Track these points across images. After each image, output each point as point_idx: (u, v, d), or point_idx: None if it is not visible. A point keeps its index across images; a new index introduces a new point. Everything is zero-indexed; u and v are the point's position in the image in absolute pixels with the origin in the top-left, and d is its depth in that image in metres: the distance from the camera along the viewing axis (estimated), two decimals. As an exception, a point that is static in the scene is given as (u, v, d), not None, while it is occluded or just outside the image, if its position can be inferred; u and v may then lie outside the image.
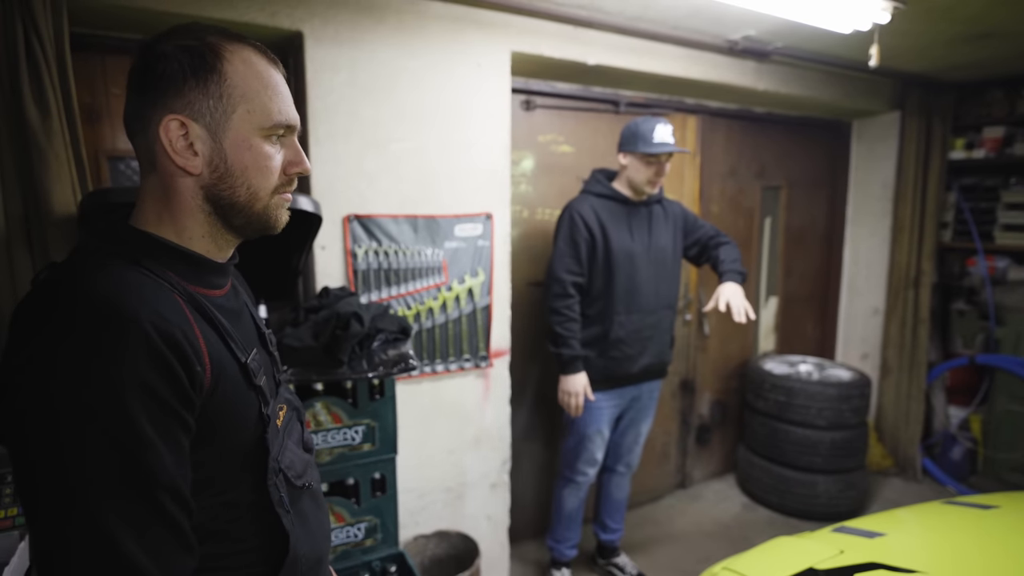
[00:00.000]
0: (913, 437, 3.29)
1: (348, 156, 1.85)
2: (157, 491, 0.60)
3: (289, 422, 0.87)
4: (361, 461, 1.64)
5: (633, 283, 2.10)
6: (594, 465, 2.25)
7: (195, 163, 0.70)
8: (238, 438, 0.72)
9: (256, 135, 0.73)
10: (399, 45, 1.88)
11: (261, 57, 0.74)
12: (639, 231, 2.13)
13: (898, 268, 3.31)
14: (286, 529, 0.75)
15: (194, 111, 0.69)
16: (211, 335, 0.69)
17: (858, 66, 2.68)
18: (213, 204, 0.73)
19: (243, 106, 0.71)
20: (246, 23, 1.66)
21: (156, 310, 0.62)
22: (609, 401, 2.18)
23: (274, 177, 0.75)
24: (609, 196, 2.13)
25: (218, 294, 0.76)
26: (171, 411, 0.61)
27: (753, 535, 2.73)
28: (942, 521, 1.71)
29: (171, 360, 0.61)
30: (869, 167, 3.48)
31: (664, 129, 2.02)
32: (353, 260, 1.88)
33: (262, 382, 0.75)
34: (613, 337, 2.10)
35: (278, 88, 0.75)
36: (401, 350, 1.57)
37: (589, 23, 2.13)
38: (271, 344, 0.88)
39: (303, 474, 0.83)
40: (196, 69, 0.69)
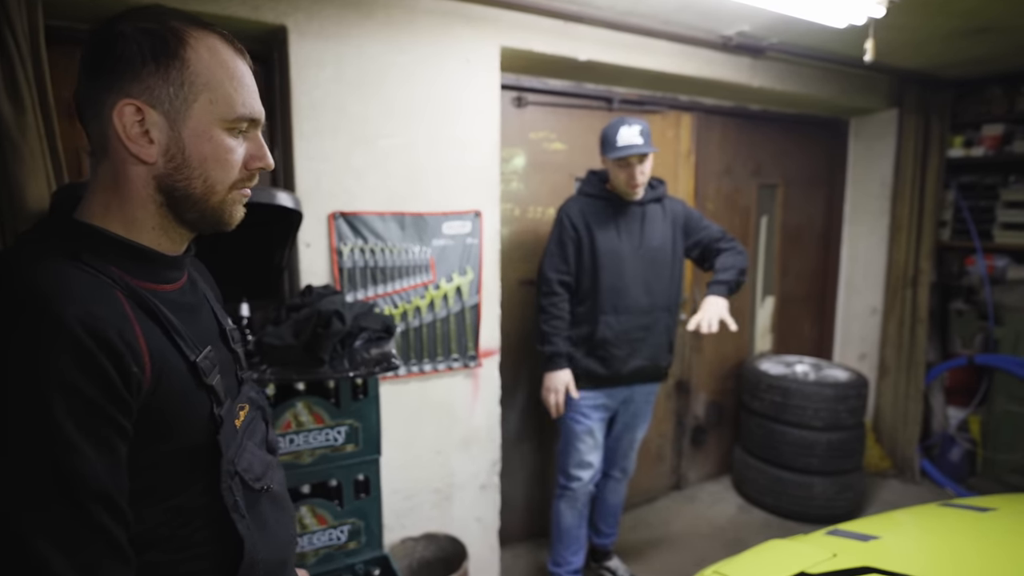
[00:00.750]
0: (911, 438, 3.25)
1: (334, 152, 1.82)
2: (86, 500, 0.57)
3: (251, 422, 0.84)
4: (344, 462, 1.61)
5: (621, 283, 2.06)
6: (587, 468, 2.17)
7: (150, 151, 0.67)
8: (185, 440, 0.69)
9: (217, 126, 0.70)
10: (387, 40, 1.85)
11: (227, 46, 0.71)
12: (628, 231, 2.09)
13: (896, 267, 3.27)
14: (240, 535, 0.72)
15: (152, 97, 0.66)
16: (154, 333, 0.66)
17: (854, 62, 2.65)
18: (166, 195, 0.70)
19: (205, 95, 0.68)
20: (228, 16, 1.63)
21: (88, 308, 0.59)
22: (596, 400, 2.13)
23: (234, 171, 0.73)
24: (598, 196, 2.10)
25: (169, 288, 0.73)
26: (102, 414, 0.58)
27: (748, 537, 2.69)
28: (938, 524, 1.68)
29: (102, 361, 0.58)
30: (867, 165, 3.44)
31: (629, 131, 1.96)
32: (339, 258, 1.85)
33: (215, 381, 0.72)
34: (599, 337, 2.06)
35: (243, 80, 0.72)
36: (384, 349, 1.54)
37: (579, 18, 2.10)
38: (233, 341, 0.85)
39: (262, 476, 0.80)
40: (157, 53, 0.66)
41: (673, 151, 2.88)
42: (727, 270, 2.09)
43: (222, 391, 0.74)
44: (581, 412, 2.13)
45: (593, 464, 2.18)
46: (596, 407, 2.14)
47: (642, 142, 1.96)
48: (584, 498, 2.21)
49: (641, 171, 2.00)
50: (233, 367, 0.84)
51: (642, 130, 1.98)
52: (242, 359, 0.87)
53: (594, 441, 2.17)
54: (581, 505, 2.21)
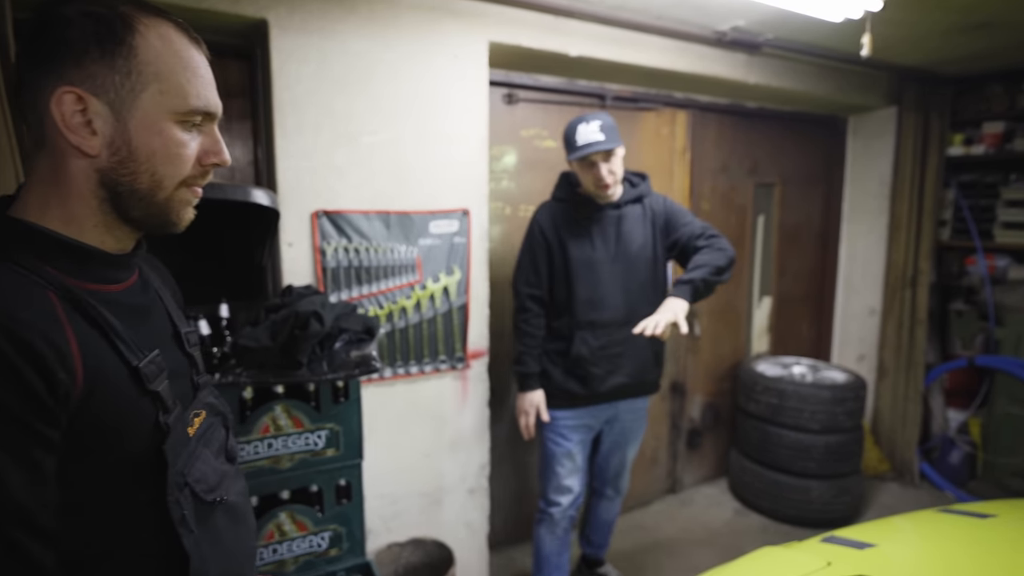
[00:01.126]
0: (910, 441, 3.20)
1: (317, 150, 1.78)
2: (3, 521, 0.53)
3: (208, 429, 0.79)
4: (325, 467, 1.57)
5: (596, 295, 1.91)
6: (566, 493, 2.02)
7: (92, 143, 0.63)
8: (126, 450, 0.64)
9: (168, 119, 0.66)
10: (371, 35, 1.81)
11: (181, 35, 0.67)
12: (603, 238, 1.92)
13: (895, 267, 3.22)
14: (186, 551, 0.67)
15: (95, 85, 0.62)
16: (91, 337, 0.62)
17: (852, 59, 2.60)
18: (109, 190, 0.66)
19: (155, 86, 0.65)
20: (206, 9, 1.58)
21: (11, 313, 0.55)
22: (575, 420, 1.98)
23: (185, 167, 0.69)
24: (569, 201, 1.96)
25: (112, 288, 0.69)
26: (22, 425, 0.54)
27: (744, 542, 2.65)
28: (936, 531, 1.63)
29: (22, 368, 0.54)
30: (865, 163, 3.40)
31: (587, 128, 1.80)
32: (322, 257, 1.81)
33: (161, 387, 0.68)
34: (575, 354, 1.91)
35: (198, 70, 0.68)
36: (364, 351, 1.50)
37: (569, 12, 2.06)
38: (188, 344, 0.81)
39: (216, 487, 0.76)
40: (102, 39, 0.62)
41: (668, 149, 2.83)
42: (698, 268, 1.83)
43: (170, 398, 0.70)
44: (559, 433, 1.99)
45: (573, 489, 2.03)
46: (576, 428, 2.00)
47: (603, 138, 1.78)
48: (565, 523, 2.07)
49: (609, 170, 1.82)
50: (188, 371, 0.80)
51: (603, 125, 1.80)
52: (199, 363, 0.83)
53: (573, 464, 2.01)
54: (561, 531, 2.07)
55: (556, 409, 1.98)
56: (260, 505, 1.52)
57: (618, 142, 1.81)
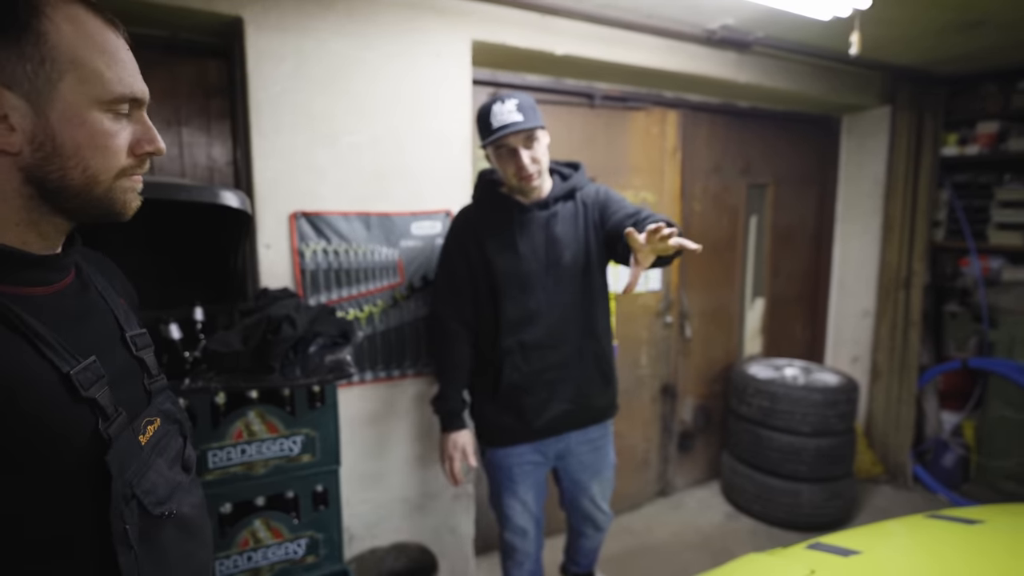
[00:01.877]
0: (904, 443, 3.18)
1: (295, 150, 1.75)
2: None
3: (163, 438, 0.76)
4: (300, 473, 1.54)
5: (526, 312, 1.65)
6: (522, 535, 1.82)
7: (11, 140, 0.60)
8: (57, 463, 0.61)
9: (92, 109, 0.63)
10: (350, 34, 1.78)
11: (94, 16, 0.63)
12: (532, 244, 1.65)
13: (889, 268, 3.19)
14: (120, 569, 0.64)
15: (6, 76, 0.59)
16: (9, 343, 0.59)
17: (844, 58, 2.57)
18: (37, 187, 0.63)
19: (72, 74, 0.61)
20: (180, 7, 1.56)
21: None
22: (517, 459, 1.74)
23: (118, 158, 0.66)
24: (489, 203, 1.70)
25: (40, 291, 0.66)
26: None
27: (735, 546, 2.62)
28: (923, 537, 1.61)
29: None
30: (859, 163, 3.37)
31: (503, 108, 1.54)
32: (300, 259, 1.78)
33: (99, 394, 0.65)
34: (506, 383, 1.67)
35: (117, 54, 0.65)
36: (339, 356, 1.47)
37: (555, 10, 2.03)
38: (136, 347, 0.77)
39: (166, 500, 0.73)
40: (4, 26, 0.58)
41: (659, 149, 2.80)
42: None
43: (110, 405, 0.67)
44: (504, 473, 1.76)
45: (528, 530, 1.82)
46: (521, 464, 1.75)
47: (521, 118, 1.52)
48: (534, 558, 1.88)
49: (532, 157, 1.57)
50: (138, 376, 0.76)
51: (520, 104, 1.54)
52: (151, 367, 0.79)
53: (524, 506, 1.79)
54: (531, 564, 1.88)
55: (495, 447, 1.75)
56: (234, 512, 1.49)
57: (539, 123, 1.56)
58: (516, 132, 1.53)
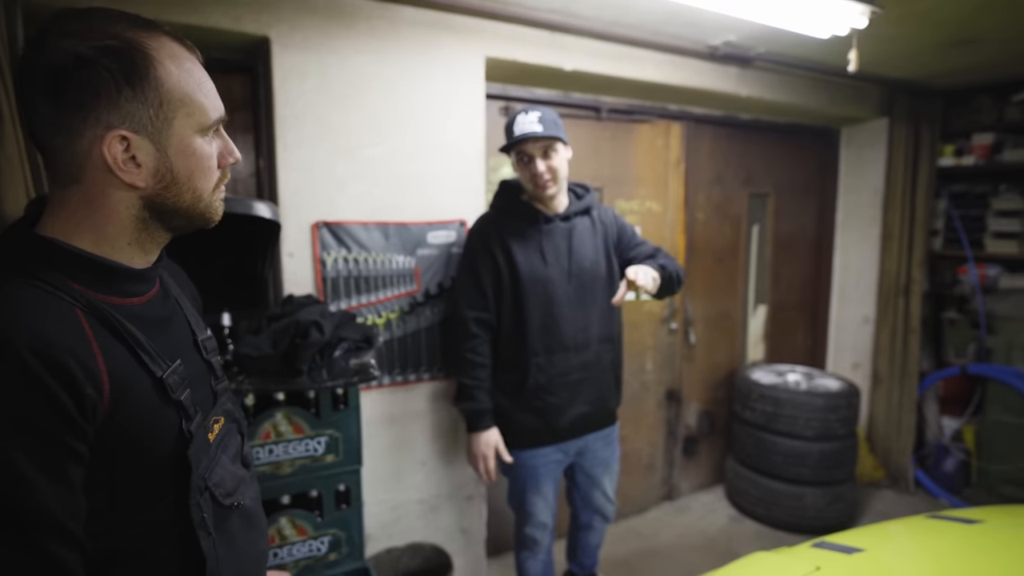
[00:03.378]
0: (905, 448, 3.23)
1: (317, 162, 1.83)
2: (36, 532, 0.56)
3: (226, 436, 0.82)
4: (324, 473, 1.60)
5: (551, 317, 1.73)
6: (543, 528, 1.91)
7: (140, 176, 0.66)
8: (151, 458, 0.68)
9: (196, 136, 0.70)
10: (371, 51, 1.86)
11: (183, 49, 0.70)
12: (555, 252, 1.76)
13: (888, 276, 3.26)
14: (203, 552, 0.71)
15: (134, 123, 0.64)
16: (116, 350, 0.65)
17: (843, 72, 2.64)
18: (152, 211, 0.69)
19: (182, 110, 0.68)
20: (210, 27, 1.64)
21: (39, 333, 0.58)
22: (543, 459, 1.83)
23: (215, 174, 0.73)
24: (514, 212, 1.79)
25: (136, 302, 0.72)
26: (54, 443, 0.57)
27: (739, 548, 2.67)
28: (925, 536, 1.66)
29: (52, 386, 0.56)
30: (858, 174, 3.45)
31: (526, 118, 1.67)
32: (322, 267, 1.85)
33: (183, 396, 0.71)
34: (532, 384, 1.74)
35: (206, 83, 0.72)
36: (363, 359, 1.54)
37: (565, 28, 2.11)
38: (206, 351, 0.83)
39: (233, 492, 0.79)
40: (129, 77, 0.63)
41: (663, 160, 2.88)
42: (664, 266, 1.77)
43: (191, 405, 0.73)
44: (528, 472, 1.83)
45: (548, 524, 1.92)
46: (545, 464, 1.84)
47: (541, 129, 1.65)
48: (547, 548, 1.98)
49: (548, 166, 1.69)
50: (207, 378, 0.82)
51: (542, 117, 1.67)
52: (217, 369, 0.85)
53: (545, 502, 1.88)
54: (544, 554, 1.98)
55: (519, 449, 1.82)
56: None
57: (557, 134, 1.68)
58: (534, 141, 1.68)
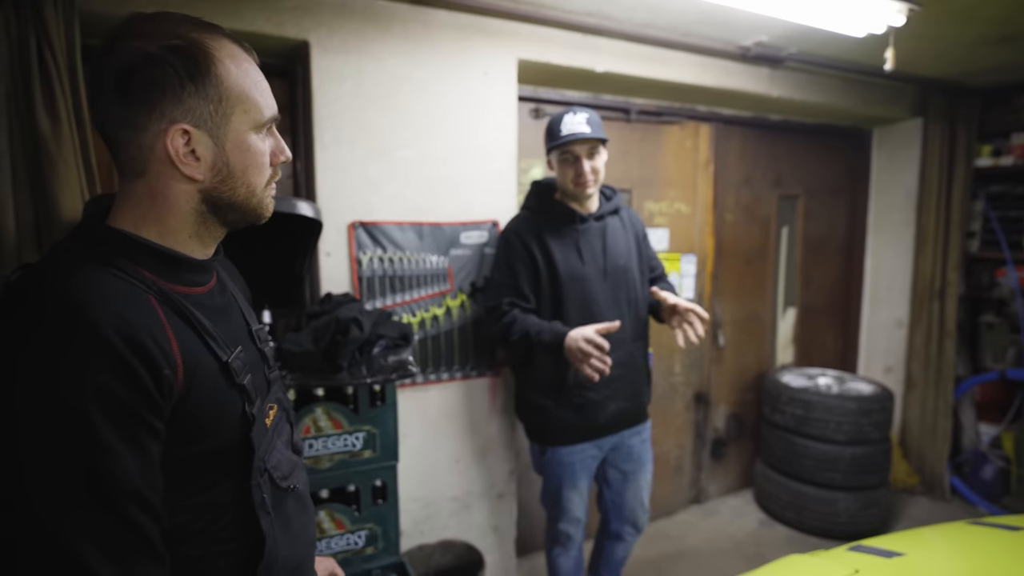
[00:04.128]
0: (940, 454, 3.16)
1: (353, 163, 1.86)
2: (121, 499, 0.59)
3: (279, 422, 0.85)
4: (362, 468, 1.63)
5: (588, 314, 1.75)
6: (577, 524, 1.94)
7: (199, 169, 0.70)
8: (217, 438, 0.71)
9: (251, 133, 0.73)
10: (405, 53, 1.89)
11: (240, 49, 0.73)
12: (591, 251, 1.79)
13: (922, 279, 3.20)
14: (264, 532, 0.73)
15: (196, 118, 0.68)
16: (186, 335, 0.68)
17: (876, 71, 2.62)
18: (210, 205, 0.73)
19: (240, 107, 0.71)
20: (253, 32, 1.69)
21: (121, 314, 0.61)
22: (580, 455, 1.85)
23: (268, 171, 0.76)
24: (550, 212, 1.82)
25: (199, 291, 0.75)
26: (135, 417, 0.60)
27: (769, 553, 2.64)
28: (967, 542, 1.63)
29: (135, 365, 0.60)
30: (890, 175, 3.39)
31: (574, 119, 1.73)
32: (358, 267, 1.89)
33: (246, 381, 0.74)
34: (572, 381, 1.77)
35: (261, 83, 0.75)
36: (401, 356, 1.56)
37: (597, 30, 2.12)
38: (260, 341, 0.86)
39: (289, 475, 0.82)
40: (192, 74, 0.67)
41: (692, 162, 2.87)
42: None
43: (253, 390, 0.76)
44: (565, 468, 1.86)
45: (582, 519, 1.95)
46: (580, 461, 1.86)
47: (589, 130, 1.71)
48: (579, 545, 2.00)
49: (592, 167, 1.74)
50: (262, 366, 0.85)
51: (589, 118, 1.73)
52: (270, 358, 0.88)
53: (580, 497, 1.91)
54: (576, 551, 2.00)
55: (556, 446, 1.85)
56: (300, 504, 1.58)
57: (604, 136, 1.74)
58: (582, 141, 1.72)
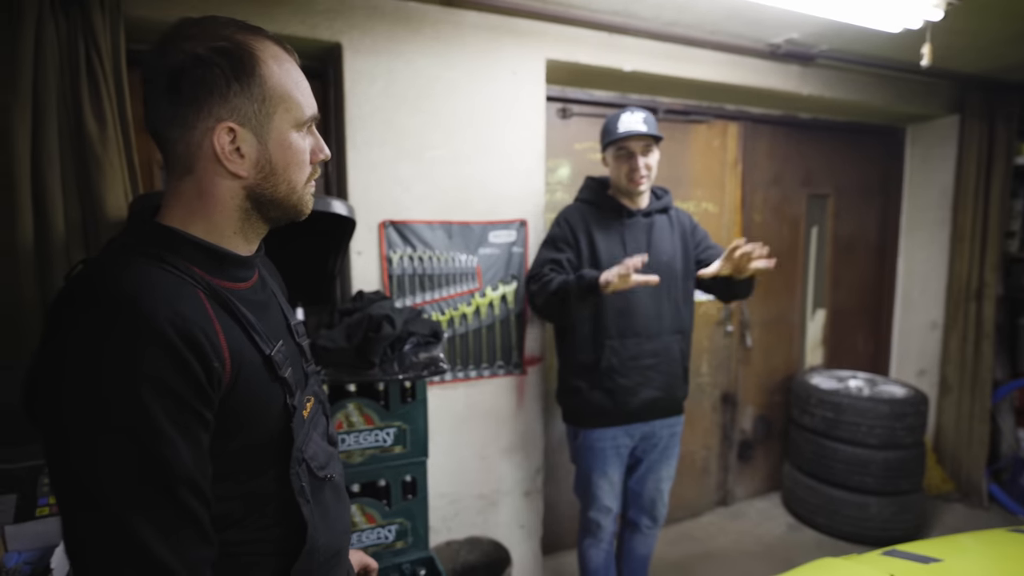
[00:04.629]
0: (977, 460, 3.07)
1: (384, 163, 1.89)
2: (175, 484, 0.61)
3: (315, 414, 0.87)
4: (392, 463, 1.66)
5: (627, 303, 1.81)
6: (607, 513, 1.97)
7: (243, 166, 0.72)
8: (261, 430, 0.73)
9: (292, 131, 0.74)
10: (435, 54, 1.92)
11: (282, 50, 0.75)
12: (635, 244, 1.86)
13: (958, 280, 3.12)
14: (305, 520, 0.76)
15: (241, 116, 0.70)
16: (233, 329, 0.70)
17: (911, 68, 2.57)
18: (253, 202, 0.75)
19: (282, 106, 0.73)
20: (287, 35, 1.73)
21: (174, 307, 0.63)
22: (611, 440, 1.89)
23: (308, 168, 0.78)
24: (599, 204, 1.90)
25: (243, 287, 0.78)
26: (188, 407, 0.62)
27: (798, 557, 2.59)
28: (1007, 550, 1.58)
29: (188, 357, 0.62)
30: (925, 174, 3.31)
31: (632, 117, 1.79)
32: (388, 265, 1.91)
33: (287, 374, 0.76)
34: (604, 366, 1.82)
35: (302, 83, 0.77)
36: (432, 353, 1.58)
37: (624, 29, 2.12)
38: (298, 335, 0.89)
39: (326, 466, 0.84)
40: (238, 74, 0.69)
41: (720, 161, 2.85)
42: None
43: (293, 383, 0.78)
44: (595, 453, 1.90)
45: (613, 508, 1.97)
46: (614, 447, 1.90)
47: (646, 128, 1.77)
48: (609, 538, 2.02)
49: (645, 164, 1.80)
50: (300, 360, 0.87)
51: (646, 118, 1.79)
52: (307, 352, 0.90)
53: (611, 484, 1.94)
54: (607, 544, 2.03)
55: (589, 428, 1.90)
56: (332, 497, 1.61)
57: (659, 137, 1.80)
58: (638, 138, 1.78)
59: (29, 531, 1.08)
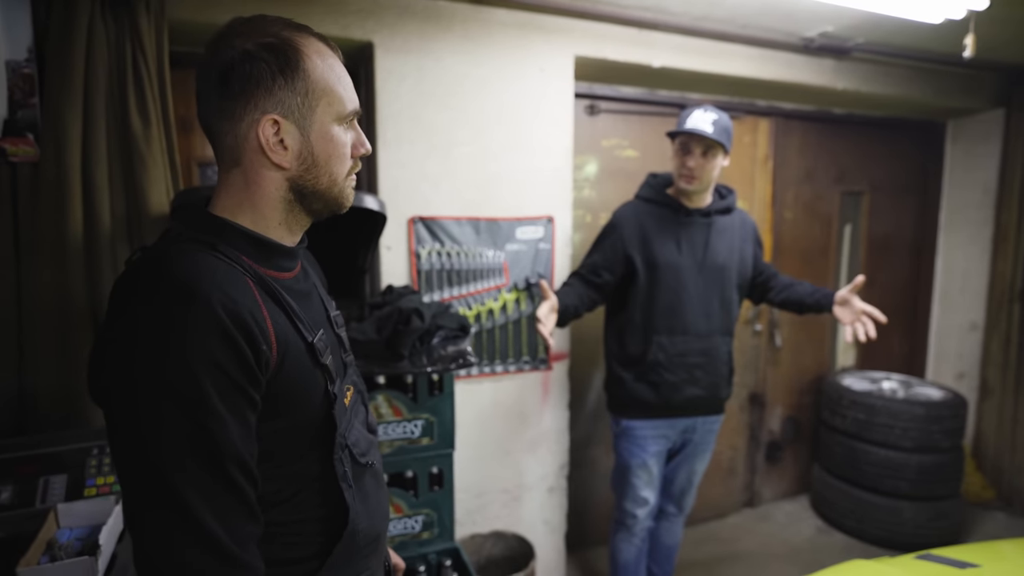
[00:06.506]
0: (1021, 467, 2.97)
1: (413, 160, 1.92)
2: (226, 462, 0.64)
3: (355, 403, 0.90)
4: (420, 455, 1.68)
5: (678, 301, 1.84)
6: (642, 505, 1.98)
7: (286, 158, 0.75)
8: (304, 414, 0.75)
9: (334, 125, 0.77)
10: (464, 52, 1.94)
11: (326, 47, 0.78)
12: (691, 244, 1.86)
13: (1000, 280, 3.02)
14: (347, 503, 0.78)
15: (285, 109, 0.73)
16: (278, 315, 0.73)
17: (953, 60, 2.49)
18: (296, 193, 0.78)
19: (324, 99, 0.75)
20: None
21: (227, 292, 0.66)
22: (654, 431, 1.91)
23: (348, 162, 0.81)
24: (657, 202, 1.90)
25: (287, 276, 0.80)
26: (239, 388, 0.65)
27: (827, 560, 2.54)
28: (1048, 557, 1.54)
29: (239, 340, 0.65)
30: (967, 171, 3.21)
31: (703, 115, 1.75)
32: (417, 260, 1.94)
33: (328, 361, 0.79)
34: (651, 360, 1.85)
35: (345, 78, 0.79)
36: (460, 347, 1.61)
37: (654, 25, 2.11)
38: (337, 326, 0.91)
39: (367, 452, 0.86)
40: (283, 68, 0.72)
41: (750, 157, 2.81)
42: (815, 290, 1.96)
43: (334, 370, 0.80)
44: (635, 444, 1.92)
45: (649, 501, 1.98)
46: (652, 438, 1.92)
47: (711, 130, 1.73)
48: (642, 533, 2.03)
49: (700, 163, 1.77)
50: (339, 350, 0.89)
51: (716, 120, 1.75)
52: (345, 342, 0.93)
53: (649, 476, 1.95)
54: (639, 540, 2.03)
55: (631, 419, 1.92)
56: (361, 486, 1.65)
57: (724, 142, 1.76)
58: (697, 137, 1.75)
59: (79, 509, 1.14)
